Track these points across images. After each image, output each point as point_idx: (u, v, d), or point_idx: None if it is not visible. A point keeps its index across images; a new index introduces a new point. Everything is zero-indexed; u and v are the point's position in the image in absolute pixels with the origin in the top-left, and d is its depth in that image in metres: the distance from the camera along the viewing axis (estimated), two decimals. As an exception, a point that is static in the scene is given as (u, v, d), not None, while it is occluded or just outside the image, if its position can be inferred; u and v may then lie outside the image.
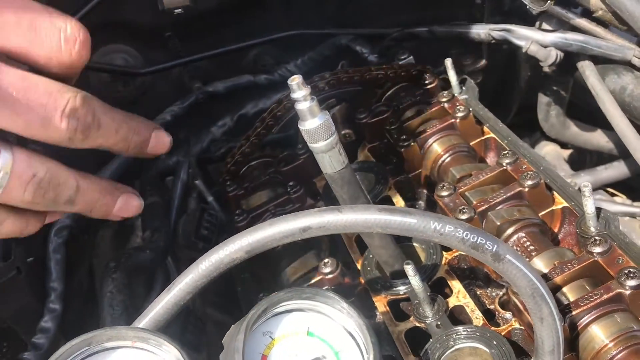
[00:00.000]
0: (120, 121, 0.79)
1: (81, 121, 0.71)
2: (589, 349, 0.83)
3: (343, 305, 0.82)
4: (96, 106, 0.74)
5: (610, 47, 1.22)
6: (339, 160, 0.88)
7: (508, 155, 1.07)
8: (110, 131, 0.76)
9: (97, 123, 0.73)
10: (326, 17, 1.63)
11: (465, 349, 0.90)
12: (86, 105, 0.72)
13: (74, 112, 0.70)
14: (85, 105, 0.72)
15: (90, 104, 0.73)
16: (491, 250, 0.73)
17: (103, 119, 0.74)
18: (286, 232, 0.77)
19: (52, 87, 0.69)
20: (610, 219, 0.97)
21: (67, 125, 0.70)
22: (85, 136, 0.72)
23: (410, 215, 0.74)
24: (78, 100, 0.71)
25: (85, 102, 0.72)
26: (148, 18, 1.48)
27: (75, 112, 0.70)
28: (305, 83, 1.14)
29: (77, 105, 0.71)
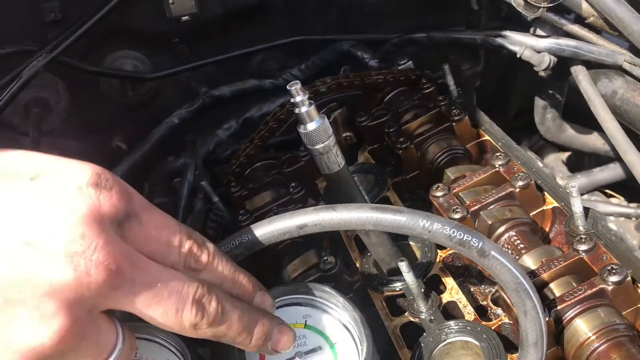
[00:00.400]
0: (243, 309, 0.76)
1: (207, 308, 0.71)
2: (572, 341, 0.87)
3: (339, 300, 0.86)
4: (220, 293, 0.73)
5: (601, 52, 1.26)
6: (336, 162, 0.92)
7: (500, 157, 1.11)
8: (233, 319, 0.74)
9: (222, 309, 0.73)
10: (329, 23, 1.66)
11: (457, 343, 0.94)
12: (212, 292, 0.72)
13: (202, 298, 0.70)
14: (212, 293, 0.72)
15: (215, 291, 0.73)
16: (477, 246, 0.77)
17: (227, 305, 0.73)
18: (284, 229, 0.81)
19: (186, 278, 0.70)
20: (598, 218, 1.01)
21: (197, 312, 0.70)
22: (211, 323, 0.71)
23: (400, 214, 0.78)
24: (205, 288, 0.71)
25: (212, 289, 0.72)
26: (156, 25, 1.51)
27: (203, 299, 0.70)
28: (305, 88, 1.19)
29: (205, 292, 0.71)
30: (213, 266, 0.75)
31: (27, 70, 1.24)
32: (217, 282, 0.75)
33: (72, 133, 1.53)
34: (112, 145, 1.58)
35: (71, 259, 0.61)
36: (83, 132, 1.56)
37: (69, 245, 0.61)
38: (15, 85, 1.22)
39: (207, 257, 0.74)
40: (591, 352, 0.85)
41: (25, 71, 1.24)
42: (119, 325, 0.69)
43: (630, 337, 0.85)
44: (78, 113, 1.54)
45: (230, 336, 0.74)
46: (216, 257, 0.75)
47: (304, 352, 0.83)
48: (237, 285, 0.77)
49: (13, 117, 1.45)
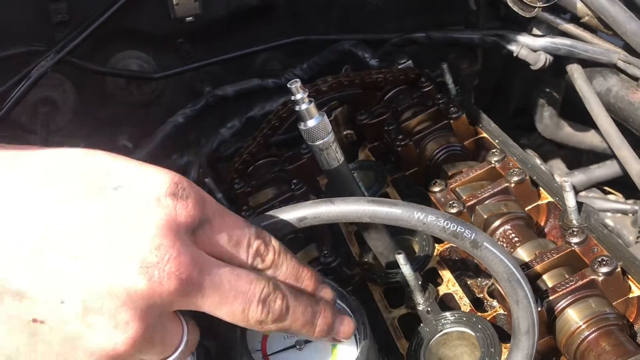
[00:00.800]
0: (305, 304, 0.79)
1: (272, 306, 0.74)
2: (564, 330, 0.89)
3: (337, 290, 0.89)
4: (284, 289, 0.76)
5: (596, 51, 1.29)
6: (335, 158, 0.94)
7: (496, 153, 1.14)
8: (297, 314, 0.77)
9: (286, 306, 0.75)
10: (330, 23, 1.69)
11: (453, 333, 0.97)
12: (278, 289, 0.75)
13: (267, 296, 0.73)
14: (277, 291, 0.75)
15: (280, 288, 0.76)
16: (470, 237, 0.80)
17: (291, 301, 0.76)
18: (284, 222, 0.84)
19: (253, 277, 0.73)
20: (591, 212, 1.04)
21: (262, 310, 0.73)
22: (275, 319, 0.74)
23: (396, 206, 0.80)
24: (271, 286, 0.74)
25: (277, 287, 0.75)
26: (161, 26, 1.53)
27: (268, 297, 0.73)
28: (306, 87, 1.22)
29: (271, 290, 0.74)
30: (278, 264, 0.78)
31: (36, 70, 1.27)
32: (281, 278, 0.78)
33: (79, 132, 1.56)
34: (118, 144, 1.60)
35: (146, 270, 0.64)
36: (90, 130, 1.59)
37: (145, 257, 0.64)
38: (24, 85, 1.26)
39: (273, 255, 0.77)
40: (582, 341, 0.87)
41: (33, 71, 1.27)
42: (184, 321, 0.73)
43: (620, 326, 0.88)
44: (85, 112, 1.57)
45: (294, 329, 0.78)
46: (281, 255, 0.78)
47: (303, 341, 0.86)
48: (300, 281, 0.80)
49: (22, 116, 1.47)
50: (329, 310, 0.82)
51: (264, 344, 0.86)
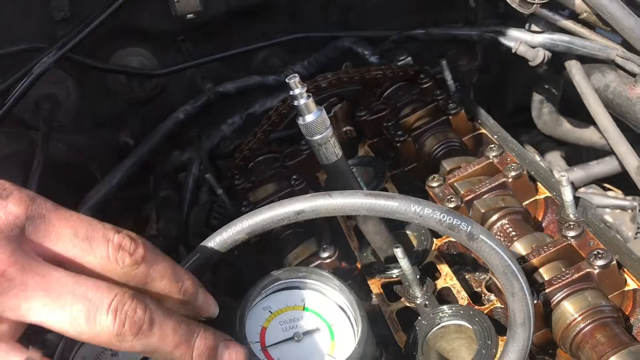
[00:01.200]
0: (179, 320, 0.70)
1: (130, 317, 0.65)
2: (560, 323, 0.90)
3: (335, 283, 0.90)
4: (149, 302, 0.68)
5: (594, 47, 1.29)
6: (334, 153, 0.95)
7: (494, 148, 1.15)
8: (166, 329, 0.68)
9: (150, 319, 0.67)
10: (330, 21, 1.70)
11: (451, 326, 0.97)
12: (137, 299, 0.66)
13: (122, 305, 0.65)
14: (135, 300, 0.66)
15: (142, 299, 0.67)
16: (466, 230, 0.80)
17: (158, 315, 0.68)
18: (282, 215, 0.84)
19: (101, 284, 0.66)
20: (588, 207, 1.04)
21: (114, 320, 0.64)
22: (137, 333, 0.66)
23: (393, 199, 0.81)
24: (127, 295, 0.66)
25: (137, 297, 0.67)
26: (162, 23, 1.55)
27: (124, 306, 0.65)
28: (306, 83, 1.22)
29: (126, 299, 0.66)
30: (151, 260, 0.71)
31: (38, 67, 1.28)
32: (157, 277, 0.71)
33: (81, 128, 1.58)
34: (120, 140, 1.62)
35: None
36: (91, 127, 1.61)
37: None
38: (26, 82, 1.27)
39: (144, 250, 0.71)
40: (577, 333, 0.88)
41: (35, 68, 1.28)
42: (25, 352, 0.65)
43: (615, 318, 0.89)
44: (86, 109, 1.58)
45: (165, 350, 0.68)
46: (154, 251, 0.72)
47: (302, 333, 0.87)
48: (179, 281, 0.73)
49: (24, 113, 1.49)
50: (211, 332, 0.73)
51: (263, 336, 0.87)
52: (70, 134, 1.55)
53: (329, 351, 0.85)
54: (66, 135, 1.53)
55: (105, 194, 1.38)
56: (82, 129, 1.58)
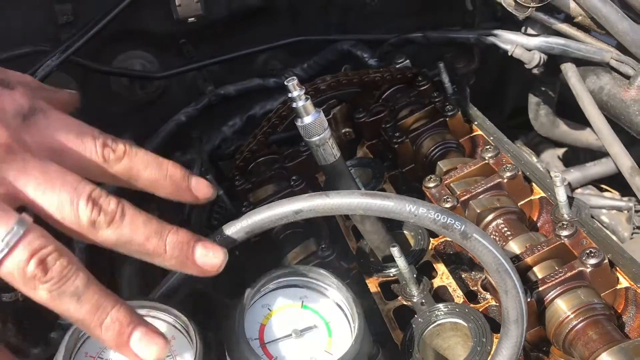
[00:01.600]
0: (149, 217, 0.75)
1: (104, 207, 0.71)
2: (553, 320, 0.92)
3: (333, 281, 0.92)
4: (125, 202, 0.73)
5: (589, 50, 1.31)
6: (332, 154, 0.97)
7: (490, 149, 1.17)
8: (137, 222, 0.73)
9: (122, 210, 0.72)
10: (330, 24, 1.72)
11: (447, 324, 0.99)
12: (112, 197, 0.72)
13: (99, 197, 0.71)
14: (111, 197, 0.72)
15: (116, 198, 0.73)
16: (459, 229, 0.83)
17: (130, 209, 0.73)
18: (281, 214, 0.87)
19: (83, 179, 0.73)
20: (582, 206, 1.07)
21: (92, 208, 0.70)
22: (110, 222, 0.71)
23: (388, 199, 0.83)
24: (104, 192, 0.72)
25: (112, 196, 0.72)
26: (164, 26, 1.56)
27: (100, 198, 0.71)
28: (305, 86, 1.24)
29: (103, 194, 0.72)
30: (132, 154, 0.78)
31: (42, 69, 1.30)
32: (141, 167, 0.78)
33: (84, 130, 1.59)
34: (122, 142, 1.63)
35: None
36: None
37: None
38: (30, 84, 1.29)
39: (124, 146, 0.78)
40: (570, 330, 0.90)
41: (39, 71, 1.30)
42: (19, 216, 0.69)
43: (607, 315, 0.90)
44: (90, 111, 1.59)
45: (138, 241, 0.73)
46: (134, 146, 0.79)
47: (300, 330, 0.88)
48: (164, 169, 0.79)
49: (28, 115, 1.50)
50: (185, 230, 0.78)
51: (262, 332, 0.89)
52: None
53: (326, 348, 0.87)
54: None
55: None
56: (85, 131, 1.59)
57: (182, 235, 0.77)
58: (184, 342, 0.87)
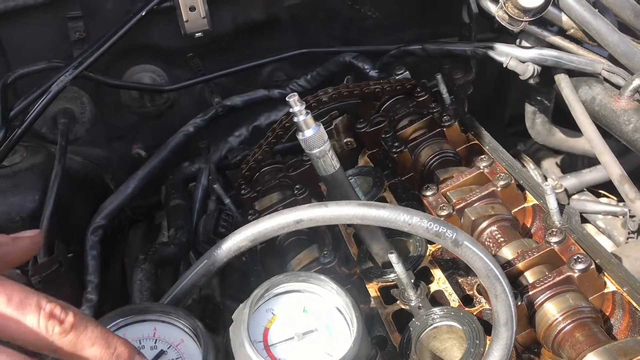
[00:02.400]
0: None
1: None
2: (542, 323, 0.97)
3: (332, 286, 0.97)
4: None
5: (581, 61, 1.36)
6: (332, 165, 1.02)
7: (485, 159, 1.22)
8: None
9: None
10: (332, 36, 1.76)
11: (443, 327, 1.04)
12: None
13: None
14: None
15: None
16: (451, 237, 0.88)
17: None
18: (282, 224, 0.92)
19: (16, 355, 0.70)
20: (572, 214, 1.11)
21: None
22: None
23: (384, 209, 0.89)
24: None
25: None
26: (172, 41, 1.61)
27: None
28: (308, 98, 1.29)
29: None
30: (81, 327, 0.73)
31: (56, 85, 1.35)
32: (88, 344, 0.73)
33: (96, 141, 1.64)
34: (133, 152, 1.68)
35: None
36: (106, 140, 1.67)
37: None
38: (45, 99, 1.33)
39: (73, 317, 0.73)
40: (558, 332, 0.94)
41: (53, 86, 1.35)
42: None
43: (594, 318, 0.95)
44: (101, 123, 1.65)
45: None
46: (84, 319, 0.74)
47: (302, 333, 0.93)
48: (111, 347, 0.75)
49: (42, 127, 1.56)
50: None
51: (266, 335, 0.94)
52: (86, 146, 1.61)
53: (326, 350, 0.92)
54: (82, 148, 1.60)
55: (119, 204, 1.45)
56: (97, 142, 1.64)
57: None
58: (192, 345, 0.92)
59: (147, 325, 0.94)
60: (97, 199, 1.46)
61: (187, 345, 0.92)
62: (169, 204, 1.51)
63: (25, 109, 1.34)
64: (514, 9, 1.26)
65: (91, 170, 1.58)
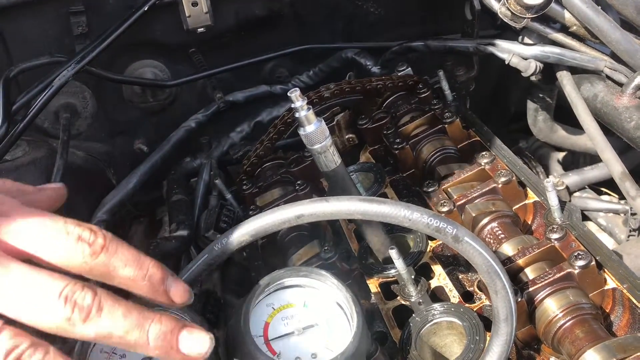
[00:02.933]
0: (130, 306, 0.72)
1: (79, 303, 0.69)
2: (542, 319, 0.97)
3: (333, 281, 0.97)
4: (100, 291, 0.71)
5: (584, 58, 1.35)
6: (333, 160, 1.02)
7: (486, 156, 1.22)
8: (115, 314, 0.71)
9: (99, 304, 0.70)
10: (335, 32, 1.76)
11: (443, 323, 1.04)
12: (87, 287, 0.70)
13: (72, 293, 0.69)
14: (85, 288, 0.70)
15: (92, 287, 0.71)
16: (451, 233, 0.88)
17: (108, 300, 0.71)
18: (283, 219, 0.92)
19: (54, 274, 0.70)
20: (573, 210, 1.11)
21: (64, 306, 0.68)
22: (86, 318, 0.69)
23: (385, 204, 0.89)
24: (78, 284, 0.70)
25: (87, 285, 0.71)
26: (174, 36, 1.61)
27: (74, 294, 0.69)
28: (310, 94, 1.29)
29: (77, 287, 0.70)
30: (111, 249, 0.73)
31: (58, 79, 1.35)
32: (120, 265, 0.74)
33: (98, 136, 1.64)
34: (134, 147, 1.68)
35: None
36: (108, 135, 1.67)
37: None
38: (47, 94, 1.33)
39: (104, 240, 0.73)
40: (558, 328, 0.95)
41: (55, 80, 1.35)
42: None
43: (594, 315, 0.95)
44: (103, 118, 1.65)
45: (117, 334, 0.71)
46: (114, 240, 0.74)
47: (302, 328, 0.93)
48: (144, 268, 0.75)
49: (45, 122, 1.56)
50: (169, 318, 0.75)
51: (266, 330, 0.94)
52: (88, 141, 1.60)
53: (326, 344, 0.92)
54: (84, 142, 1.59)
55: (121, 198, 1.45)
56: (99, 137, 1.64)
57: (165, 324, 0.74)
58: (193, 338, 0.92)
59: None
60: (99, 194, 1.46)
61: (188, 339, 0.92)
62: (171, 199, 1.51)
63: (27, 103, 1.34)
64: (517, 5, 1.26)
65: (93, 165, 1.57)
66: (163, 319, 0.74)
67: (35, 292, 0.69)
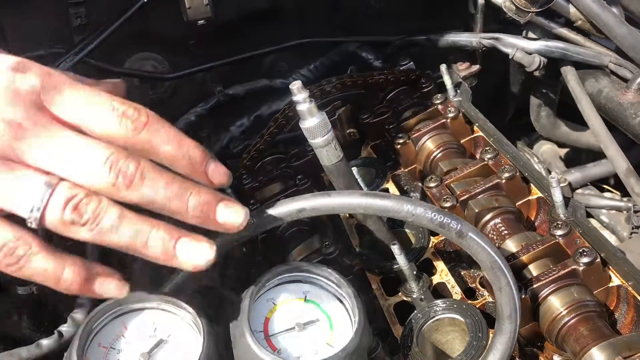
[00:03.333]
0: (172, 177, 0.77)
1: (123, 170, 0.74)
2: (547, 316, 0.96)
3: (334, 277, 0.96)
4: (144, 160, 0.76)
5: (588, 53, 1.34)
6: (335, 155, 1.01)
7: (489, 151, 1.20)
8: (157, 184, 0.75)
9: (142, 172, 0.75)
10: (336, 26, 1.75)
11: (445, 319, 1.03)
12: (131, 156, 0.75)
13: (117, 160, 0.74)
14: (130, 157, 0.75)
15: (136, 157, 0.75)
16: (455, 228, 0.86)
17: (151, 170, 0.75)
18: (285, 213, 0.90)
19: (101, 143, 0.74)
20: (577, 207, 1.10)
21: (109, 172, 0.73)
22: (129, 185, 0.74)
23: (387, 199, 0.87)
24: (123, 153, 0.74)
25: (132, 154, 0.75)
26: (174, 28, 1.59)
27: (118, 161, 0.74)
28: (311, 88, 1.27)
29: (121, 155, 0.74)
30: (153, 126, 0.77)
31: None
32: (162, 142, 0.78)
33: (97, 129, 1.63)
34: (133, 141, 1.67)
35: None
36: (107, 127, 1.66)
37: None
38: (46, 85, 1.33)
39: (147, 118, 0.77)
40: (562, 326, 0.93)
41: (54, 72, 1.34)
42: None
43: (598, 312, 0.94)
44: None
45: (159, 202, 0.76)
46: (158, 120, 0.78)
47: (303, 323, 0.92)
48: (183, 147, 0.79)
49: (43, 114, 1.55)
50: (207, 191, 0.80)
51: (266, 325, 0.93)
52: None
53: (327, 340, 0.91)
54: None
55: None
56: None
57: (204, 197, 0.79)
58: (192, 334, 0.91)
59: (145, 313, 0.93)
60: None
61: (187, 335, 0.91)
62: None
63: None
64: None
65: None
66: (202, 191, 0.79)
67: (82, 157, 0.74)
